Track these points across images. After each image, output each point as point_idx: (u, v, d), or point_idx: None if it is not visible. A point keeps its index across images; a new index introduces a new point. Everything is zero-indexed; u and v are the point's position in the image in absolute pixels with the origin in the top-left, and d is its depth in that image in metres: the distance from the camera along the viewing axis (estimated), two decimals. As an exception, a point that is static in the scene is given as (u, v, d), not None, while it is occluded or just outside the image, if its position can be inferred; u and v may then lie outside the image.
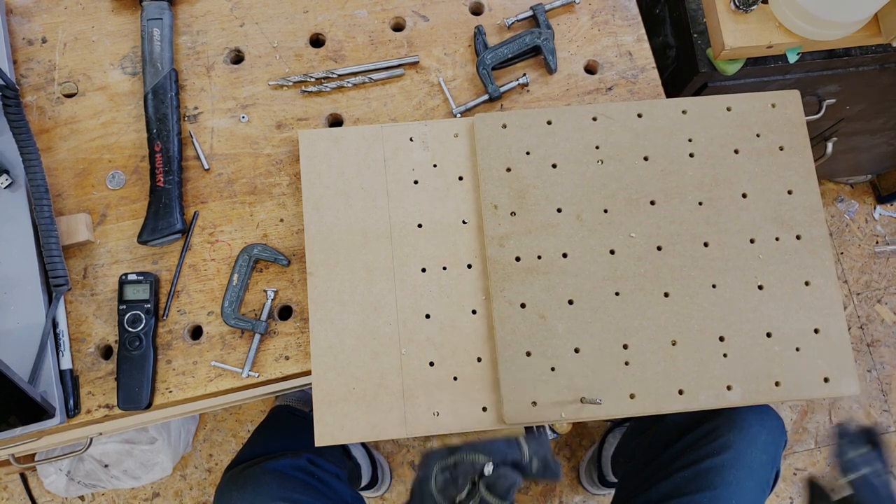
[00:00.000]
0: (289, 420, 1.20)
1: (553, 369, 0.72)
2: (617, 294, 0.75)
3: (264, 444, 1.07)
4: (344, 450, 1.25)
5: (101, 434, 0.89)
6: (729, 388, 0.72)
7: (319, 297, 0.75)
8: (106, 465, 1.32)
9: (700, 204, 0.77)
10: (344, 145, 0.79)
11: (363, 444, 1.38)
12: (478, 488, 0.60)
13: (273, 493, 0.88)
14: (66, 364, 0.74)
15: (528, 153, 0.78)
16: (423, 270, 0.76)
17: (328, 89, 0.83)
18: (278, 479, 0.90)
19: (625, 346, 0.73)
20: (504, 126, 0.79)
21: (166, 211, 0.77)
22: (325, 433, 0.72)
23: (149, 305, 0.75)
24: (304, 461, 0.97)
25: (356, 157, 0.79)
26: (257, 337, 0.75)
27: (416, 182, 0.79)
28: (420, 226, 0.77)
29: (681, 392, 0.72)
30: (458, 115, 0.83)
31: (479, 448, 0.61)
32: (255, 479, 0.90)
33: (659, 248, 0.76)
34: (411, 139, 0.80)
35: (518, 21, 0.87)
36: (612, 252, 0.76)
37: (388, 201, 0.78)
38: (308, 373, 0.76)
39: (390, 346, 0.74)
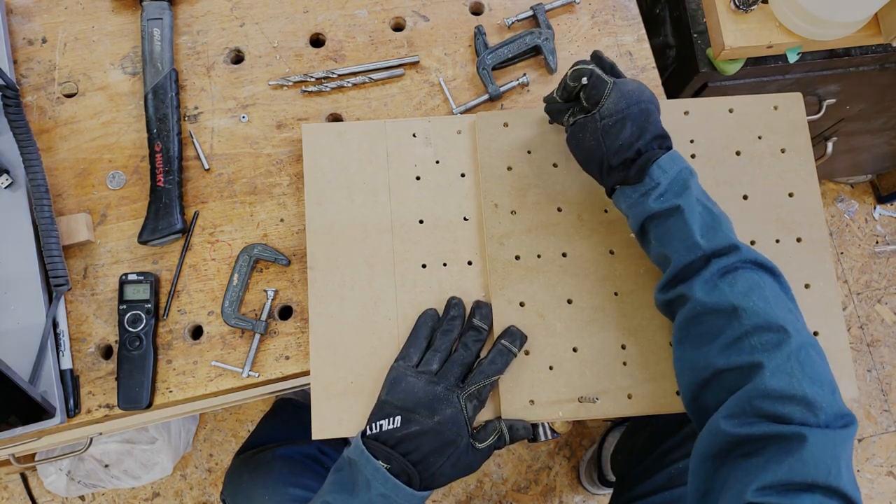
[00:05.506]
0: (294, 411, 1.21)
1: (551, 368, 0.72)
2: (616, 294, 0.75)
3: (272, 431, 1.09)
4: (347, 444, 1.26)
5: (101, 434, 0.89)
6: (728, 388, 0.72)
7: (319, 292, 0.75)
8: (106, 465, 1.32)
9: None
10: (347, 140, 0.79)
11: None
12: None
13: (284, 479, 0.90)
14: (67, 364, 0.74)
15: (529, 152, 0.78)
16: (424, 266, 0.76)
17: (328, 89, 0.83)
18: (289, 464, 0.92)
19: (623, 346, 0.73)
20: (505, 125, 0.79)
21: (166, 211, 0.77)
22: (323, 427, 0.72)
23: (149, 305, 0.75)
24: (314, 450, 0.99)
25: (359, 151, 0.79)
26: (257, 337, 0.75)
27: (418, 178, 0.79)
28: (421, 222, 0.77)
29: (678, 393, 0.72)
30: (459, 115, 0.83)
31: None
32: (267, 463, 0.91)
33: (659, 249, 0.76)
34: (414, 135, 0.80)
35: (518, 21, 0.87)
36: (611, 252, 0.76)
37: (390, 196, 0.78)
38: (308, 373, 0.76)
39: (389, 341, 0.74)
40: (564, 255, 0.76)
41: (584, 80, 0.67)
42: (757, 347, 0.57)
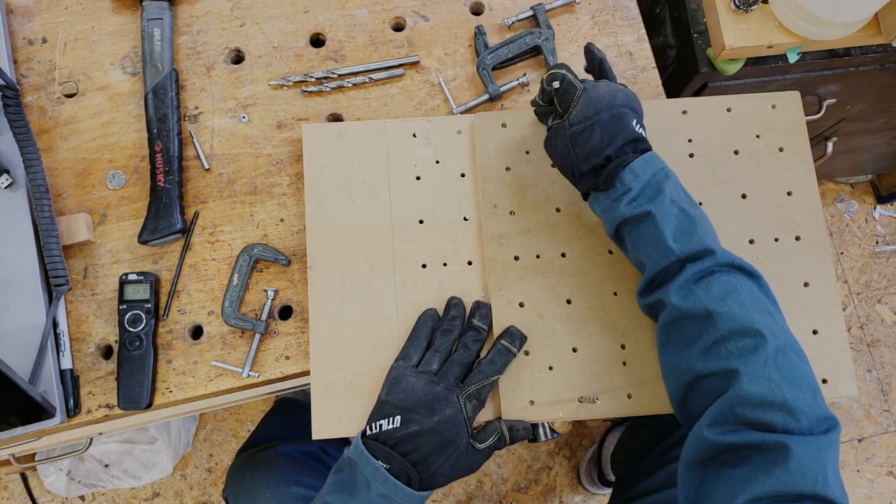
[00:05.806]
0: (294, 410, 1.21)
1: (551, 368, 0.72)
2: (615, 294, 0.75)
3: (273, 430, 1.09)
4: (348, 443, 1.26)
5: (101, 434, 0.89)
6: (728, 388, 0.72)
7: (319, 292, 0.75)
8: (106, 465, 1.32)
9: (699, 204, 0.77)
10: (347, 140, 0.79)
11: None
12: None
13: (286, 477, 0.90)
14: (67, 364, 0.74)
15: (527, 152, 0.78)
16: (424, 266, 0.76)
17: (328, 89, 0.83)
18: (291, 463, 0.93)
19: (623, 346, 0.73)
20: (504, 125, 0.79)
21: (167, 211, 0.77)
22: (323, 427, 0.72)
23: (149, 305, 0.75)
24: (316, 448, 0.99)
25: (359, 151, 0.79)
26: (257, 337, 0.75)
27: (418, 178, 0.79)
28: (421, 222, 0.77)
29: (680, 392, 0.72)
30: (459, 115, 0.83)
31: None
32: (269, 461, 0.91)
33: (658, 249, 0.76)
34: (414, 135, 0.80)
35: (518, 21, 0.87)
36: (610, 252, 0.76)
37: (390, 196, 0.78)
38: (308, 373, 0.76)
39: (389, 341, 0.74)
40: (563, 255, 0.76)
41: (556, 85, 0.67)
42: (733, 353, 0.57)
